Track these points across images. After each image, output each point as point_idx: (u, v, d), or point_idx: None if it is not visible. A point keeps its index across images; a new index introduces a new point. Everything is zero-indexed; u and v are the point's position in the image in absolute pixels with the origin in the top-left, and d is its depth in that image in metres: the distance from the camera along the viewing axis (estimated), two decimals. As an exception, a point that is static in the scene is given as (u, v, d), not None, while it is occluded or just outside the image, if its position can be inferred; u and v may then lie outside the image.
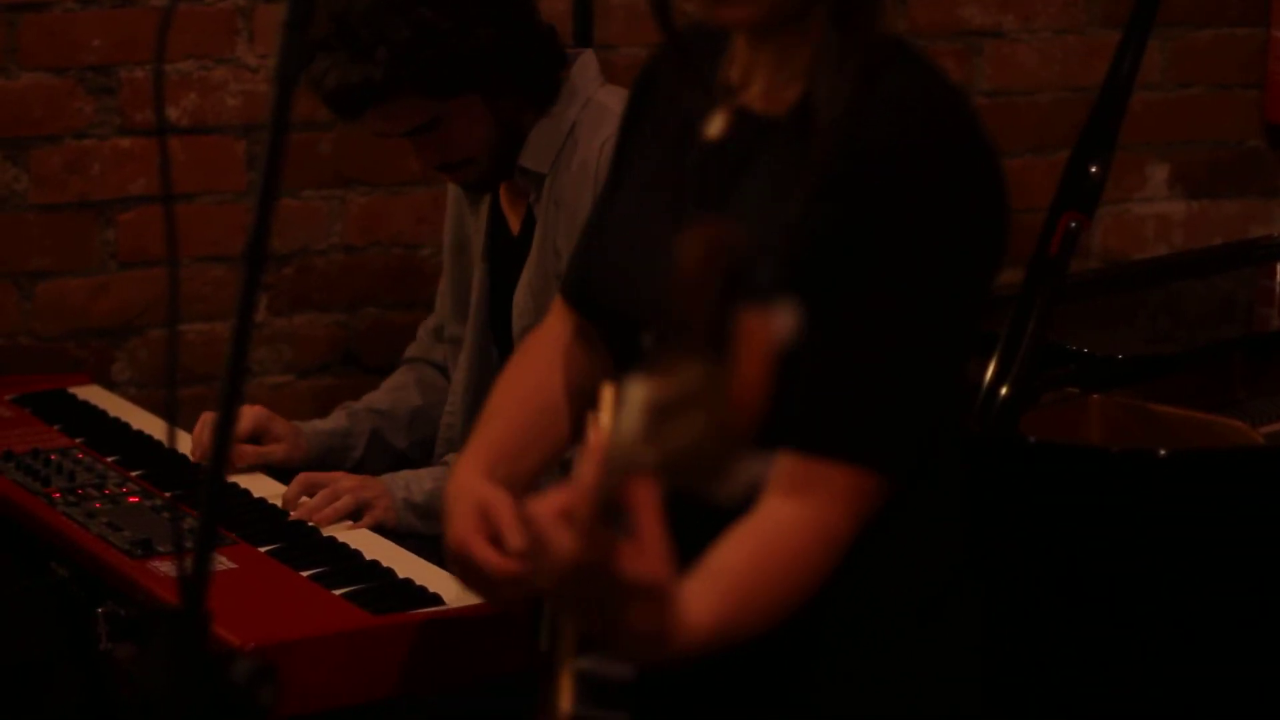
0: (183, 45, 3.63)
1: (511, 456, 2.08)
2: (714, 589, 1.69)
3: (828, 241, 1.81)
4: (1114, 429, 3.10)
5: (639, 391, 1.32)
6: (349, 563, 2.67)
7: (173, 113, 3.64)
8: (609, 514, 1.48)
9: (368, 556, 2.68)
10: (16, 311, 3.62)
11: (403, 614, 2.51)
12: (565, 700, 1.87)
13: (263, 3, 3.68)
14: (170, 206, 1.75)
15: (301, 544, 2.74)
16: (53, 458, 3.04)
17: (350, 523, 2.83)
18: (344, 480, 2.90)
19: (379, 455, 3.18)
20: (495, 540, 1.97)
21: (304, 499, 2.86)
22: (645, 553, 1.53)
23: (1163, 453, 2.73)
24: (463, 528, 1.99)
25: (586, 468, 1.49)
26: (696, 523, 1.63)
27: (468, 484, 2.03)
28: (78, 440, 3.15)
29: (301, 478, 2.89)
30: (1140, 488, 2.72)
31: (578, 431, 2.13)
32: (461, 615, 2.51)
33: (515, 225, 3.09)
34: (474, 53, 2.88)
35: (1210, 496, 2.75)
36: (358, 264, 3.82)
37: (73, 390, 3.43)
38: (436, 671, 2.50)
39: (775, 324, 1.28)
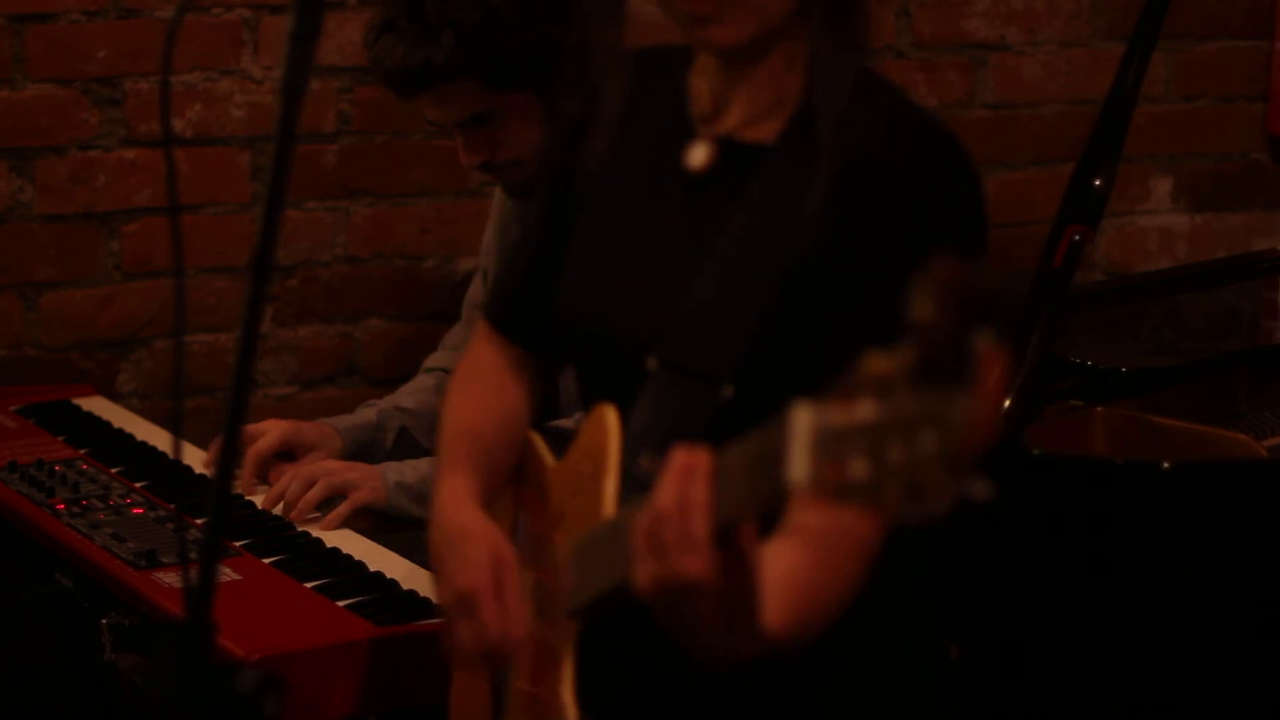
0: (188, 56, 3.63)
1: (486, 473, 2.05)
2: (782, 595, 1.70)
3: (837, 247, 1.82)
4: (1117, 441, 3.10)
5: (809, 418, 1.38)
6: (353, 574, 2.67)
7: (178, 124, 3.64)
8: (721, 532, 1.55)
9: (372, 568, 2.68)
10: (21, 322, 3.63)
11: (407, 625, 2.51)
12: (570, 709, 1.88)
13: (268, 14, 3.68)
14: (176, 217, 1.75)
15: (306, 555, 2.74)
16: (57, 469, 3.04)
17: (352, 532, 2.84)
18: (328, 464, 2.92)
19: (408, 454, 3.16)
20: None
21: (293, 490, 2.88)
22: (745, 568, 1.57)
23: (1166, 465, 2.73)
24: (478, 579, 1.93)
25: (695, 490, 1.53)
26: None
27: (477, 525, 1.97)
28: (82, 451, 3.15)
29: (290, 472, 2.91)
30: (1143, 500, 2.72)
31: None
32: (465, 626, 2.51)
33: None
34: (537, 48, 2.90)
35: (1213, 509, 2.75)
36: (362, 275, 3.82)
37: (77, 401, 3.43)
38: (441, 683, 2.49)
39: (1004, 357, 1.33)
